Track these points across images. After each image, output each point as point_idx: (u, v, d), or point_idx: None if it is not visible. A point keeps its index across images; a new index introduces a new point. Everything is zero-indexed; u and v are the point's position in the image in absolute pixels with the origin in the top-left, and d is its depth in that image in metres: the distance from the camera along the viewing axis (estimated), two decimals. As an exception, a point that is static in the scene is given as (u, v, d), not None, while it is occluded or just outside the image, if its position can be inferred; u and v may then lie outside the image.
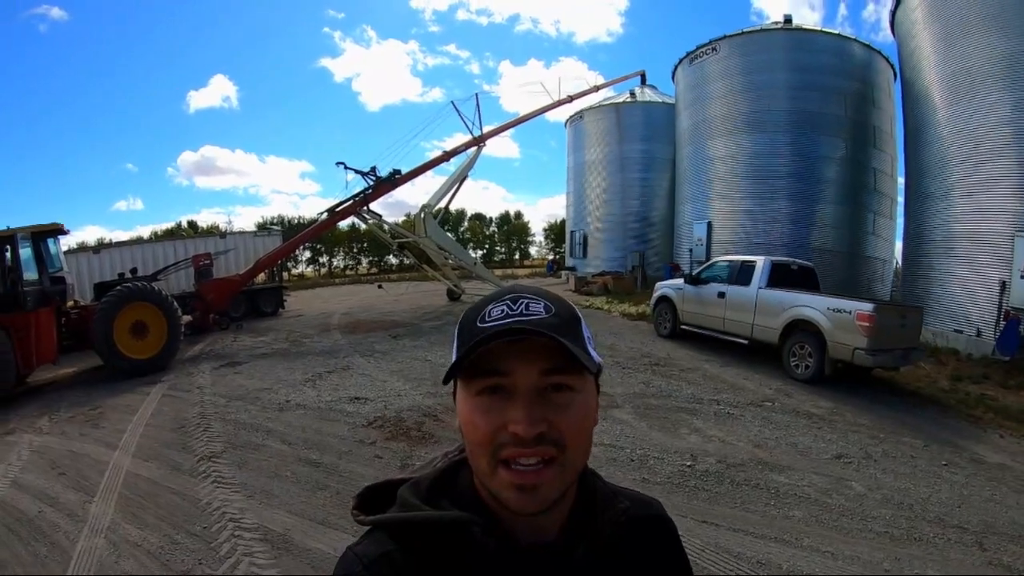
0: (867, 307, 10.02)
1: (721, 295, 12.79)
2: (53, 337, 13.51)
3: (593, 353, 0.98)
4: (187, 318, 16.40)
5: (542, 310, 0.95)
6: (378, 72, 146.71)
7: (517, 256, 74.14)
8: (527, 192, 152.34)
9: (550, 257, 59.12)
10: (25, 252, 13.21)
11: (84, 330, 13.97)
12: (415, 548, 0.96)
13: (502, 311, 0.94)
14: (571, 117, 34.69)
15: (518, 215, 76.08)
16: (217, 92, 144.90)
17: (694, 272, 14.52)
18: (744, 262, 12.73)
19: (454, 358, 0.95)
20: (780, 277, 12.03)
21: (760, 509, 5.88)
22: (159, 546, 5.83)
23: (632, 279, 26.53)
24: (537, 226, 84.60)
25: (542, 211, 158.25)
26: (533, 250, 76.16)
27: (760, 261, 12.27)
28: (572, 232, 34.96)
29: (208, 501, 6.77)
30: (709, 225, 23.32)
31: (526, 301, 0.96)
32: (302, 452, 8.09)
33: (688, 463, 7.06)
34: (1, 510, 7.09)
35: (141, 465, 8.05)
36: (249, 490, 6.96)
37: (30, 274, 13.23)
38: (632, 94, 32.22)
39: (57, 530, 6.47)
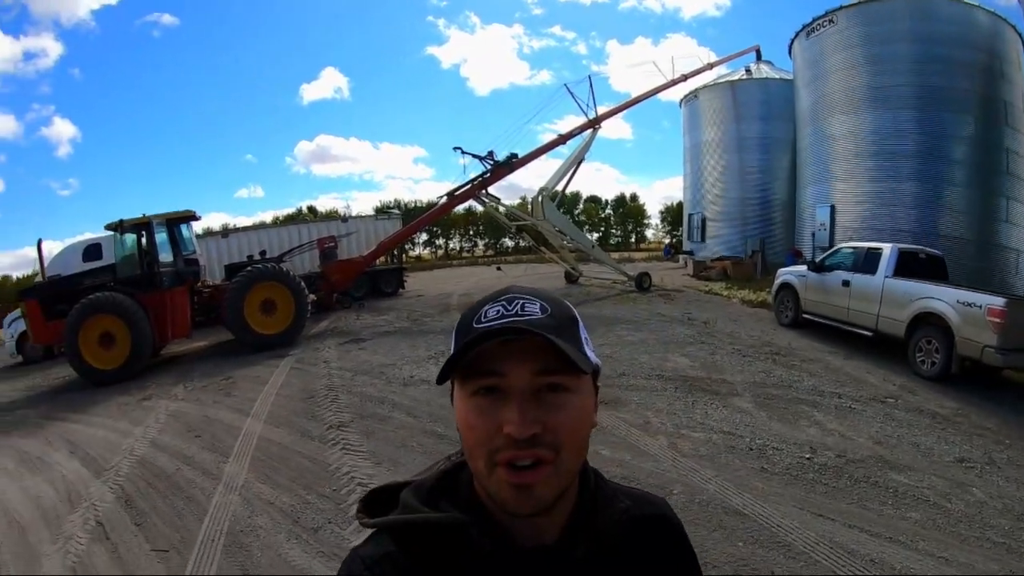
0: (998, 301, 9.32)
1: (845, 283, 12.15)
2: (187, 313, 14.59)
3: (590, 354, 0.98)
4: (312, 297, 16.72)
5: (537, 311, 0.95)
6: (484, 57, 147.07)
7: (633, 239, 72.41)
8: (641, 174, 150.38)
9: (667, 240, 57.28)
10: (160, 237, 14.40)
11: (215, 307, 14.99)
12: (417, 550, 0.97)
13: (497, 312, 0.95)
14: (685, 96, 33.40)
15: (633, 197, 73.76)
16: (329, 84, 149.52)
17: (817, 259, 13.88)
18: (870, 249, 12.08)
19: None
20: (907, 266, 11.34)
21: (877, 508, 5.67)
22: (291, 505, 6.19)
23: (752, 264, 25.52)
24: (653, 208, 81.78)
25: (657, 193, 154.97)
26: (649, 233, 74.17)
27: (887, 248, 11.61)
28: (690, 215, 33.78)
29: (337, 466, 7.02)
30: (832, 209, 22.15)
31: (521, 302, 0.96)
32: (427, 425, 8.26)
33: (807, 455, 6.83)
34: (141, 466, 7.59)
35: (272, 431, 8.50)
36: (377, 458, 7.19)
37: (165, 256, 14.39)
38: (747, 71, 30.71)
39: (193, 486, 6.88)
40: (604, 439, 7.24)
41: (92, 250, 18.96)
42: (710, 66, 27.32)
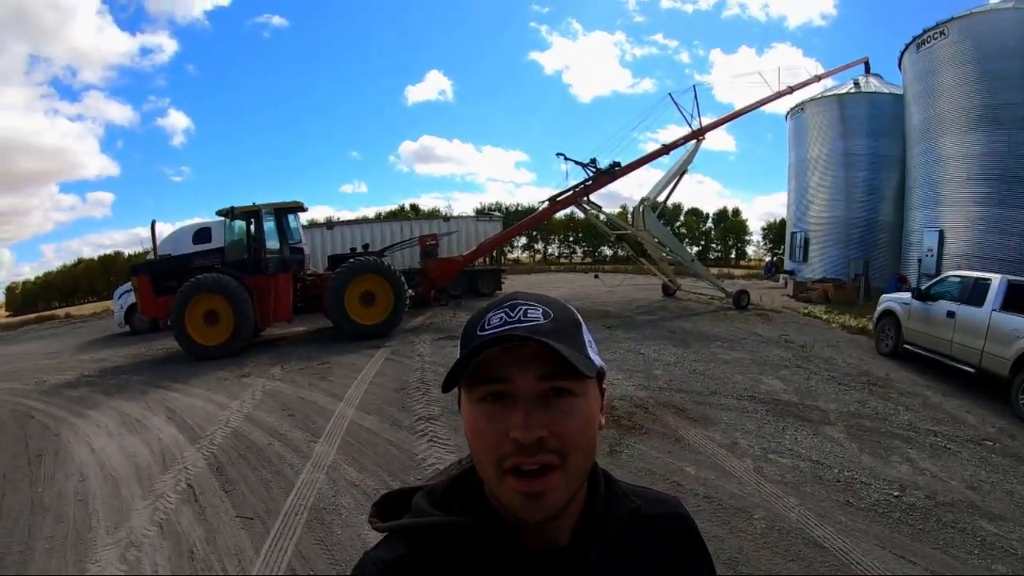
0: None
1: (950, 315, 11.42)
2: (289, 299, 15.23)
3: (594, 357, 1.00)
4: (410, 292, 16.96)
5: (540, 316, 0.97)
6: (587, 64, 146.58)
7: (733, 255, 70.13)
8: (743, 188, 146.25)
9: (767, 258, 55.37)
10: (268, 225, 15.10)
11: (317, 295, 15.54)
12: (428, 553, 0.99)
13: (500, 318, 0.96)
14: (792, 109, 31.87)
15: (735, 212, 70.33)
16: (433, 86, 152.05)
17: (922, 286, 13.11)
18: (978, 279, 11.33)
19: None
20: (1018, 299, 10.50)
21: (962, 556, 5.36)
22: (375, 489, 6.43)
23: (854, 288, 24.34)
24: (754, 225, 78.38)
25: (758, 209, 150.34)
26: (750, 250, 71.56)
27: (996, 280, 10.84)
28: (793, 233, 32.37)
29: (423, 456, 7.18)
30: (940, 234, 20.91)
31: (524, 308, 0.98)
32: (515, 427, 8.11)
33: (895, 493, 6.51)
34: (234, 438, 8.09)
35: (363, 417, 8.80)
36: (463, 453, 6.99)
37: (272, 243, 15.08)
38: (856, 84, 28.93)
39: (283, 461, 7.23)
40: (690, 457, 7.15)
41: (202, 233, 19.86)
42: (817, 78, 26.14)
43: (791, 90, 24.35)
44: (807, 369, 11.52)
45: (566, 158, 20.83)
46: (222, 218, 15.68)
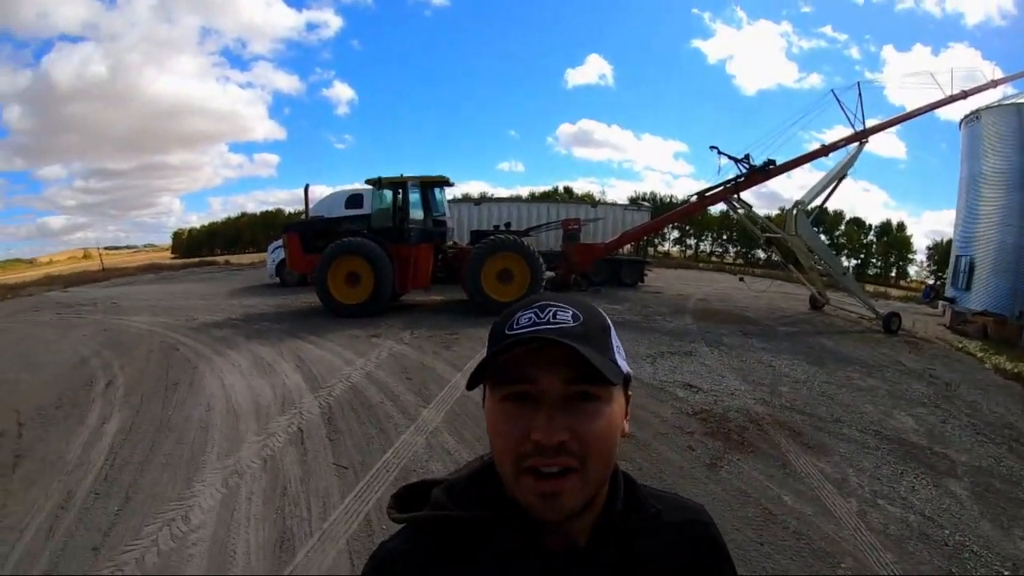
0: None
1: None
2: (428, 268, 15.92)
3: (621, 363, 1.01)
4: (550, 274, 17.18)
5: (569, 319, 0.97)
6: (751, 55, 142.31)
7: (893, 273, 65.10)
8: (912, 201, 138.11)
9: (929, 281, 51.05)
10: (414, 196, 15.81)
11: (456, 267, 16.16)
12: (444, 546, 1.01)
13: (529, 319, 0.97)
14: (966, 116, 28.42)
15: (900, 226, 65.30)
16: (593, 70, 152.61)
17: None
18: None
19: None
20: None
21: None
22: (466, 460, 6.14)
23: (1018, 327, 22.08)
24: (919, 242, 71.57)
25: (925, 225, 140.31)
26: (912, 270, 65.52)
27: None
28: (958, 257, 29.65)
29: None
30: None
31: (554, 310, 0.98)
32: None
33: (1006, 573, 5.58)
34: (351, 392, 8.62)
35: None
36: None
37: (416, 214, 15.80)
38: None
39: (389, 420, 7.66)
40: (792, 486, 6.64)
41: (354, 199, 21.29)
42: (994, 84, 23.79)
43: (965, 95, 22.40)
44: (946, 411, 10.46)
45: (719, 152, 20.27)
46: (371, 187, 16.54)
